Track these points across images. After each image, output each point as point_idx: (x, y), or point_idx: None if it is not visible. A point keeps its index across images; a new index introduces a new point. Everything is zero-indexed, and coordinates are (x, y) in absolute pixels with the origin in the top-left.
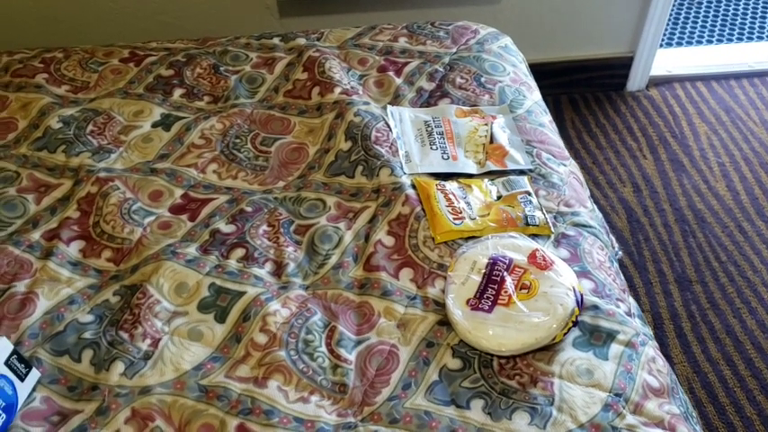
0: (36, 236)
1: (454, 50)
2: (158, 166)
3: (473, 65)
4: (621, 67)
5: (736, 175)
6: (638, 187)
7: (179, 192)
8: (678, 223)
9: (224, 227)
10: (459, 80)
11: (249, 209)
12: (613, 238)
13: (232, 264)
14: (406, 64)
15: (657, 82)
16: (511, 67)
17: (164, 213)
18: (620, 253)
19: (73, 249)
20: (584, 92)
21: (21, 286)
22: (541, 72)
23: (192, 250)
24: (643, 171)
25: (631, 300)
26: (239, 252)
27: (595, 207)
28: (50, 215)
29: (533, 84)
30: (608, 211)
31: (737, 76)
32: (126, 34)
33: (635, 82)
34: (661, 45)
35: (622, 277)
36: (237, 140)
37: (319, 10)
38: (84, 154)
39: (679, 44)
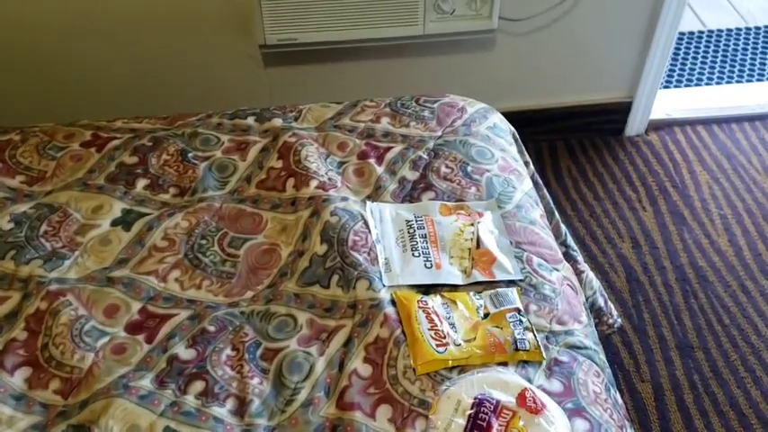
0: None
1: (439, 134)
2: (116, 274)
3: (459, 151)
4: (620, 111)
5: (739, 228)
6: (638, 242)
7: (137, 306)
8: (679, 282)
9: (183, 352)
10: (444, 169)
11: (212, 328)
12: (612, 306)
13: (190, 401)
14: (389, 149)
15: (657, 126)
16: (499, 152)
17: (119, 333)
18: (619, 321)
19: (17, 380)
20: (582, 137)
21: None
22: (537, 118)
23: (146, 383)
24: (642, 225)
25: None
26: (198, 386)
27: (591, 320)
28: None
29: (523, 170)
30: (606, 269)
31: (738, 120)
32: (103, 82)
33: (634, 126)
34: (660, 85)
35: (620, 404)
36: (203, 242)
37: (303, 60)
38: (35, 261)
39: (678, 83)
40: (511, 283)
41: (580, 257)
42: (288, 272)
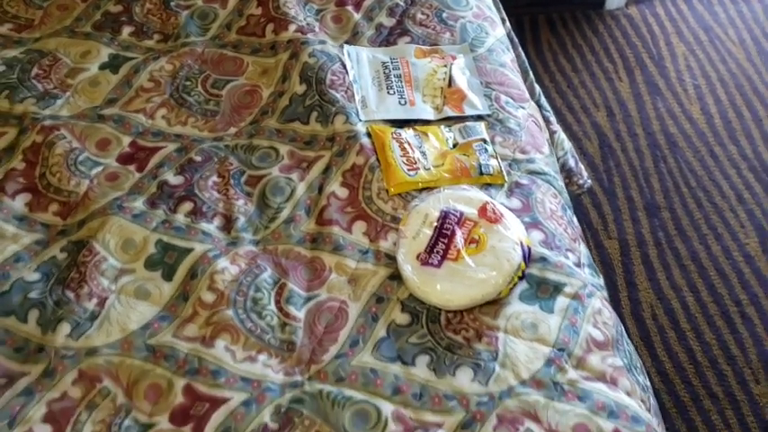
0: None
1: None
2: (106, 111)
3: None
4: None
5: (711, 97)
6: (612, 111)
7: (127, 140)
8: (650, 148)
9: (172, 178)
10: (419, 16)
11: (198, 158)
12: (582, 167)
13: (180, 219)
14: None
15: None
16: (474, 0)
17: (111, 164)
18: (590, 182)
19: (18, 203)
20: (563, 11)
21: None
22: None
23: (138, 204)
24: (618, 94)
25: (583, 248)
26: (187, 206)
27: (553, 152)
28: None
29: (497, 18)
30: (580, 137)
31: None
32: None
33: (614, 0)
34: None
35: (576, 224)
36: (188, 83)
37: None
38: (28, 100)
39: None
40: (479, 118)
41: (553, 118)
42: (269, 110)
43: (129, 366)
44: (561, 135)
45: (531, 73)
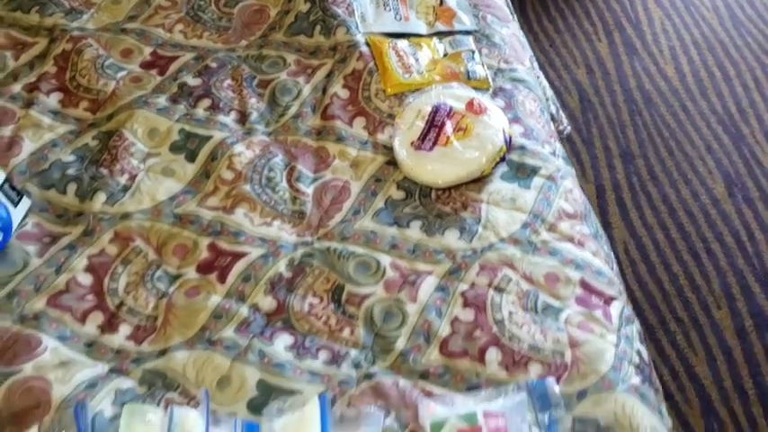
0: (17, 88)
1: None
2: (128, 26)
3: None
4: None
5: (685, 57)
6: (592, 69)
7: (148, 50)
8: (627, 103)
9: (191, 80)
10: None
11: (214, 65)
12: (563, 115)
13: (199, 112)
14: None
15: None
16: None
17: (135, 69)
18: (569, 128)
19: (52, 100)
20: None
21: (6, 131)
22: None
23: (162, 101)
24: (597, 54)
25: (557, 144)
26: (206, 102)
27: (535, 65)
28: (29, 70)
29: None
30: (561, 91)
31: None
32: None
33: None
34: None
35: (552, 126)
36: (201, 2)
37: None
38: (57, 14)
39: None
40: (467, 33)
41: (536, 64)
42: (276, 26)
43: (159, 230)
44: (544, 82)
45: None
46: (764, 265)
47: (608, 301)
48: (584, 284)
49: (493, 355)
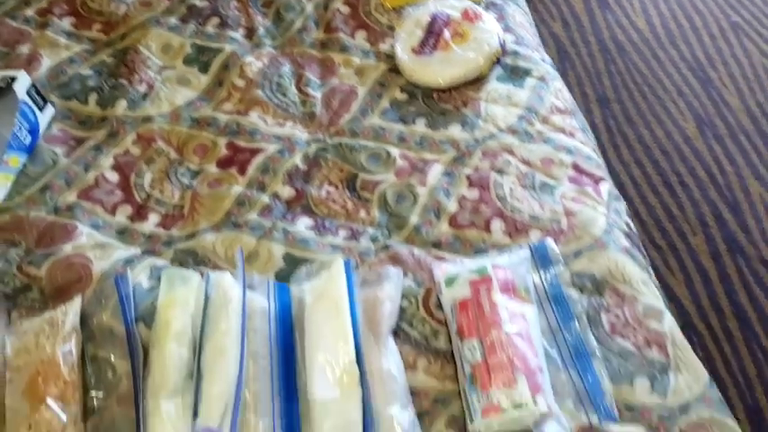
0: (30, 12)
1: None
2: None
3: None
4: None
5: (655, 10)
6: (567, 23)
7: None
8: (601, 53)
9: (198, 2)
10: None
11: None
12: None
13: (209, 29)
14: None
15: None
16: None
17: None
18: None
19: (66, 23)
20: None
21: (24, 48)
22: None
23: (172, 20)
24: (572, 8)
25: (546, 54)
26: (215, 20)
27: None
28: None
29: None
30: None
31: None
32: None
33: None
34: None
35: (539, 38)
36: None
37: None
38: None
39: None
40: None
41: None
42: None
43: (179, 132)
44: None
45: None
46: (735, 195)
47: (597, 180)
48: (576, 167)
49: (497, 225)
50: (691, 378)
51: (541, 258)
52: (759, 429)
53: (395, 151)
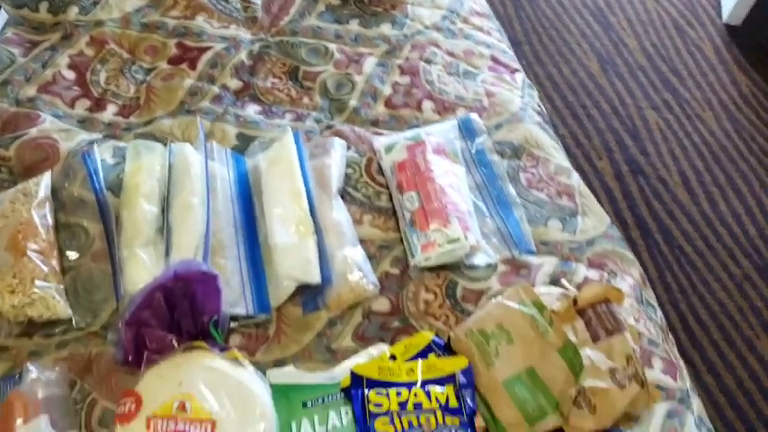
0: None
1: None
2: None
3: None
4: None
5: None
6: None
7: None
8: (511, 0)
9: None
10: None
11: None
12: None
13: None
14: None
15: None
16: None
17: None
18: None
19: None
20: None
21: None
22: None
23: None
24: None
25: None
26: None
27: None
28: None
29: None
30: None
31: None
32: None
33: None
34: None
35: None
36: None
37: None
38: None
39: None
40: None
41: None
42: None
43: (129, 35)
44: None
45: None
46: (635, 124)
47: (513, 71)
48: (494, 59)
49: (428, 105)
50: (596, 220)
51: (467, 129)
52: None
53: (332, 46)
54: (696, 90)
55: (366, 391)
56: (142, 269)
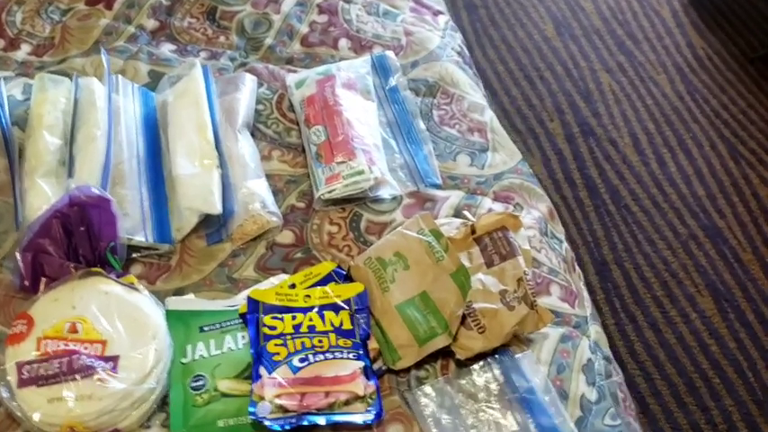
0: None
1: None
2: None
3: None
4: None
5: None
6: None
7: None
8: None
9: None
10: None
11: None
12: None
13: None
14: None
15: None
16: None
17: None
18: None
19: None
20: None
21: None
22: None
23: None
24: None
25: None
26: None
27: None
28: None
29: None
30: None
31: None
32: None
33: None
34: None
35: None
36: None
37: None
38: None
39: None
40: None
41: None
42: None
43: None
44: None
45: None
46: (587, 86)
47: (436, 13)
48: (417, 1)
49: (344, 43)
50: (506, 156)
51: (382, 67)
52: (606, 279)
53: None
54: (651, 53)
55: (262, 315)
56: (42, 199)
